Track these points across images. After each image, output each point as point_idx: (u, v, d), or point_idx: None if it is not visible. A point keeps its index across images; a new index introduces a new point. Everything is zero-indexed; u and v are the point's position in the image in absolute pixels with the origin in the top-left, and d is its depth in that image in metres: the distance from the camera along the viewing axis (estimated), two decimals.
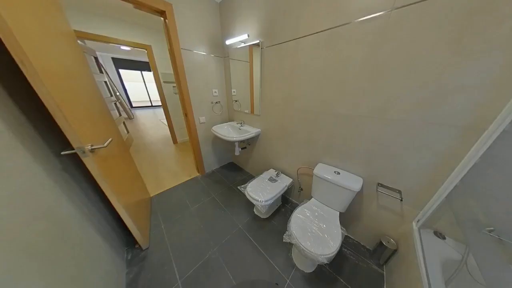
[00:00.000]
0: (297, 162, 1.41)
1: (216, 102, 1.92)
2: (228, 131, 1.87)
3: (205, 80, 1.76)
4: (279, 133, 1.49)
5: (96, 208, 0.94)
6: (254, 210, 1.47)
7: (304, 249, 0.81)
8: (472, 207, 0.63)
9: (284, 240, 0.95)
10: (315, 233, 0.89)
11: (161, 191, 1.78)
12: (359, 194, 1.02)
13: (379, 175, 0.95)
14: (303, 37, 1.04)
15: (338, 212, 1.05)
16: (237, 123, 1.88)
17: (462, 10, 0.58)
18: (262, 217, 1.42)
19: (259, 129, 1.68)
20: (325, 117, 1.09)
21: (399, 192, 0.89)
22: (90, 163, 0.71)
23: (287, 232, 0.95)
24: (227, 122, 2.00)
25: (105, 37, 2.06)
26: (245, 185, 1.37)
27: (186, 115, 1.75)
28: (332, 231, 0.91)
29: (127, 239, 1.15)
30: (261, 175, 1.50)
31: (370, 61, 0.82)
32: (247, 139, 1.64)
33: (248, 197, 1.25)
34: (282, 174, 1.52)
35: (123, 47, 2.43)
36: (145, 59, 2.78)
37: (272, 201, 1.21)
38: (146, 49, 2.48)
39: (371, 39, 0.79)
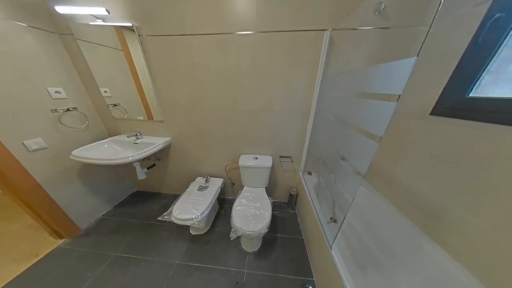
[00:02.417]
0: (223, 160, 1.45)
1: (68, 109, 1.14)
2: (115, 151, 1.27)
3: (16, 69, 0.93)
4: (196, 136, 1.37)
5: None
6: (191, 231, 1.25)
7: (250, 233, 0.91)
8: (315, 153, 1.21)
9: (231, 239, 0.96)
10: (254, 214, 1.03)
11: None
12: (272, 168, 1.37)
13: (279, 150, 1.36)
14: (192, 35, 1.01)
15: (264, 188, 1.32)
16: (129, 136, 1.34)
17: (288, 43, 0.99)
18: (202, 232, 1.26)
19: (169, 137, 1.38)
20: (234, 114, 1.24)
21: (290, 157, 1.37)
22: None
23: (232, 229, 0.97)
24: (106, 138, 1.32)
25: None
26: (168, 210, 1.08)
27: None
28: (264, 204, 1.12)
29: None
30: (187, 189, 1.29)
31: (254, 69, 1.08)
32: (154, 153, 1.26)
33: (177, 222, 1.01)
34: (211, 178, 1.45)
35: None
36: None
37: (208, 210, 1.13)
38: None
39: (250, 52, 1.03)
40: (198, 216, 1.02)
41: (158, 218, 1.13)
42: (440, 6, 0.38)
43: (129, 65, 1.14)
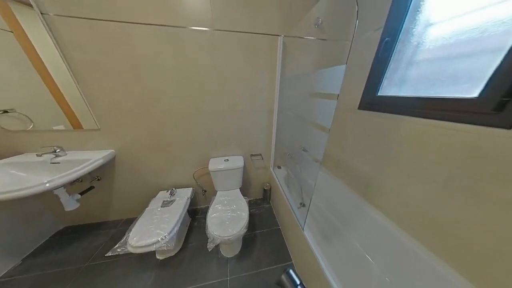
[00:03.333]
0: (190, 168, 1.31)
1: None
2: (15, 178, 0.89)
3: None
4: (152, 144, 1.16)
5: None
6: (158, 256, 1.06)
7: (229, 237, 0.88)
8: (282, 148, 1.32)
9: (209, 250, 0.89)
10: (231, 217, 1.00)
11: None
12: (244, 167, 1.37)
13: (249, 149, 1.38)
14: (131, 23, 0.85)
15: (238, 189, 1.31)
16: (42, 154, 0.96)
17: (246, 44, 1.01)
18: (173, 253, 1.10)
19: (111, 150, 1.10)
20: (198, 116, 1.15)
21: (260, 154, 1.42)
22: None
23: (209, 239, 0.90)
24: None
25: None
26: (122, 240, 0.87)
27: None
28: (240, 205, 1.11)
29: None
30: (147, 208, 1.08)
31: (214, 68, 1.04)
32: (89, 173, 0.96)
33: (137, 251, 0.83)
34: (177, 189, 1.28)
35: None
36: None
37: (178, 226, 0.99)
38: None
39: (208, 49, 0.98)
40: (165, 236, 0.88)
41: (107, 255, 0.88)
42: (356, 27, 0.51)
43: (29, 55, 0.81)
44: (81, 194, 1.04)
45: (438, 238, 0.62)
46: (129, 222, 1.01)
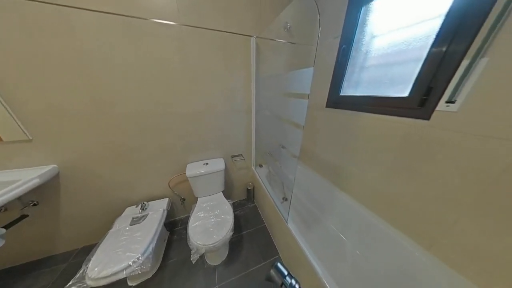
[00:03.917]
0: (164, 176, 1.18)
1: None
2: None
3: None
4: (111, 154, 0.98)
5: None
6: (129, 282, 0.91)
7: (214, 244, 0.84)
8: (262, 146, 1.35)
9: (194, 261, 0.83)
10: (215, 223, 0.96)
11: None
12: (226, 170, 1.33)
13: (229, 150, 1.35)
14: (74, 7, 0.69)
15: (221, 192, 1.26)
16: None
17: (219, 42, 0.99)
18: (150, 276, 0.97)
19: (53, 165, 0.87)
20: (169, 118, 1.05)
21: (241, 155, 1.41)
22: None
23: (192, 251, 0.84)
24: None
25: None
26: (77, 275, 0.71)
27: None
28: (224, 209, 1.08)
29: None
30: (111, 230, 0.91)
31: (185, 66, 0.96)
32: (19, 198, 0.73)
33: (102, 283, 0.69)
34: (150, 202, 1.14)
35: None
36: None
37: (154, 243, 0.88)
38: None
39: (177, 45, 0.90)
40: (139, 258, 0.76)
41: None
42: (319, 34, 0.56)
43: None
44: (6, 227, 0.79)
45: (389, 210, 0.77)
46: (86, 251, 0.82)
